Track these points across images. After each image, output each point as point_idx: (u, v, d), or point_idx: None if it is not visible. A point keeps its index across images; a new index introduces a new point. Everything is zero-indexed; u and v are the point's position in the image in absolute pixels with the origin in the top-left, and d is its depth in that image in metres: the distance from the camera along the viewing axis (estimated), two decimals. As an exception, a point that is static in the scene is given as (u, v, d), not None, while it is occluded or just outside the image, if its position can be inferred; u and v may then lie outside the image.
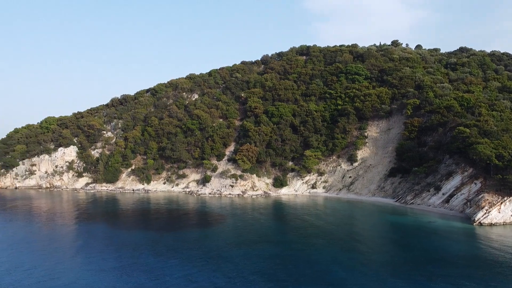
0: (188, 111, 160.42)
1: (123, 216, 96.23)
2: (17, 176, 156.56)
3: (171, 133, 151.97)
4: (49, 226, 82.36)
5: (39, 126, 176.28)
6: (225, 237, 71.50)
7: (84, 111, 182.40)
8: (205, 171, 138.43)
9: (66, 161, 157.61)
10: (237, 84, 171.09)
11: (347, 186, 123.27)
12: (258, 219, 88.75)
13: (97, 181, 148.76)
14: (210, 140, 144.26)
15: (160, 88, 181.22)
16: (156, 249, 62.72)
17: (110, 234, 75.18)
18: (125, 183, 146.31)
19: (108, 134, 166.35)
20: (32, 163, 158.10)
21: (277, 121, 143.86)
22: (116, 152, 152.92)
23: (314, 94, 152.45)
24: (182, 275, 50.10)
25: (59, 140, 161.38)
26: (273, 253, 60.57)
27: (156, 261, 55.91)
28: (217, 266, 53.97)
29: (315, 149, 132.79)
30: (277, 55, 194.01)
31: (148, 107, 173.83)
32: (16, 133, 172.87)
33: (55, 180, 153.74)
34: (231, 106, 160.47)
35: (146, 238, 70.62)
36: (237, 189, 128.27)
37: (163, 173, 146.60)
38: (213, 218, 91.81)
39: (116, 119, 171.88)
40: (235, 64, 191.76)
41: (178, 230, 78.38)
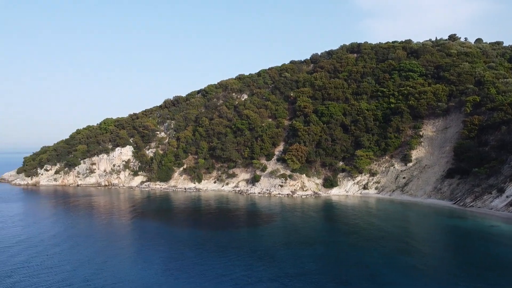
0: (237, 111, 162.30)
1: (175, 214, 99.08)
2: (79, 174, 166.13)
3: (221, 133, 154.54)
4: (107, 222, 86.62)
5: (98, 127, 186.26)
6: (274, 237, 71.46)
7: (139, 112, 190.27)
8: (255, 170, 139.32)
9: (122, 160, 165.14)
10: (286, 83, 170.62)
11: (401, 187, 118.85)
12: (307, 220, 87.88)
13: (151, 180, 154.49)
14: (260, 140, 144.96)
15: (211, 89, 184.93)
16: (206, 246, 63.95)
17: (163, 231, 77.63)
18: (178, 182, 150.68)
19: (162, 134, 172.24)
20: (92, 162, 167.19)
21: (327, 121, 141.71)
22: (169, 152, 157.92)
23: (365, 92, 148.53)
24: (231, 273, 50.62)
25: (116, 140, 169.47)
26: (323, 254, 59.71)
27: (206, 258, 56.97)
28: (265, 265, 54.05)
29: (366, 149, 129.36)
30: (327, 54, 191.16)
31: (199, 107, 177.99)
32: (78, 134, 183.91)
33: (112, 179, 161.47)
34: (280, 105, 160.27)
35: (197, 236, 72.22)
36: (286, 189, 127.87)
37: (213, 172, 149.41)
38: (262, 217, 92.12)
39: (169, 119, 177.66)
40: (284, 63, 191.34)
41: (228, 229, 79.42)
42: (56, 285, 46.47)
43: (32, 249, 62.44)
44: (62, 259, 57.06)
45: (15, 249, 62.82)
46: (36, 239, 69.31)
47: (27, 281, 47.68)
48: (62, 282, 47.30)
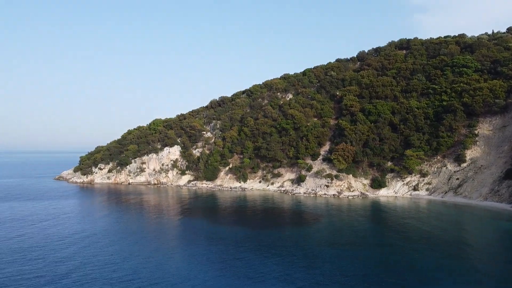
0: (282, 111, 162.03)
1: (221, 212, 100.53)
2: (130, 173, 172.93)
3: (266, 133, 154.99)
4: (156, 219, 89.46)
5: (148, 127, 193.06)
6: (320, 237, 70.64)
7: (187, 113, 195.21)
8: (300, 170, 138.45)
9: (171, 160, 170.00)
10: (332, 82, 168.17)
11: (454, 188, 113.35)
12: (354, 221, 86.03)
13: (198, 179, 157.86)
14: (305, 140, 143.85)
15: (256, 89, 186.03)
16: (252, 245, 64.34)
17: (210, 228, 78.99)
18: (223, 181, 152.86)
19: (208, 134, 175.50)
20: (142, 162, 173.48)
21: (375, 120, 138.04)
22: (215, 152, 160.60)
23: (415, 90, 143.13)
24: (276, 271, 50.56)
25: (165, 140, 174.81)
26: (369, 256, 58.21)
27: (251, 257, 57.32)
28: (310, 265, 53.55)
29: (416, 149, 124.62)
30: (374, 51, 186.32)
31: (244, 108, 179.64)
32: (129, 134, 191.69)
33: (161, 177, 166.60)
34: (326, 105, 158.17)
35: (242, 234, 72.84)
36: (332, 189, 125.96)
37: (258, 172, 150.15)
38: (308, 217, 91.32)
39: (215, 120, 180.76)
40: (329, 62, 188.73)
41: (273, 228, 79.43)
42: (108, 277, 48.54)
43: (87, 243, 65.74)
44: (115, 253, 59.56)
45: (73, 242, 66.41)
46: (91, 234, 72.89)
47: (81, 271, 50.20)
48: (113, 274, 49.35)
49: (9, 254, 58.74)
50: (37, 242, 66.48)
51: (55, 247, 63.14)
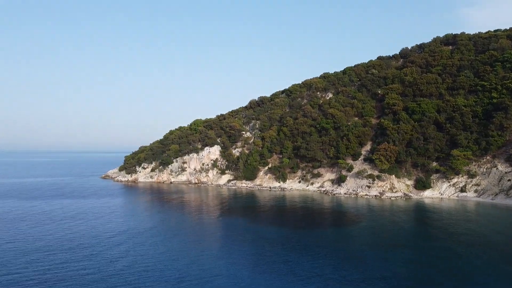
0: (322, 111, 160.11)
1: (261, 212, 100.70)
2: (172, 172, 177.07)
3: (305, 132, 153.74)
4: (197, 218, 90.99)
5: (189, 128, 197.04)
6: (361, 238, 69.13)
7: (226, 113, 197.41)
8: (340, 170, 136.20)
9: (211, 159, 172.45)
10: (373, 80, 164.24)
11: (506, 190, 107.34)
12: (397, 222, 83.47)
13: (237, 178, 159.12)
14: (345, 139, 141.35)
15: (295, 88, 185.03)
16: (291, 245, 63.96)
17: (250, 228, 79.31)
18: (263, 180, 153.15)
19: (247, 134, 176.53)
20: (183, 161, 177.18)
21: (419, 118, 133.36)
22: (254, 151, 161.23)
23: (462, 87, 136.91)
24: (316, 272, 49.91)
25: (205, 140, 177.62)
26: (413, 258, 56.22)
27: (292, 257, 56.91)
28: (351, 266, 52.42)
29: (464, 148, 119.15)
30: (418, 47, 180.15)
31: (283, 107, 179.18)
32: (171, 135, 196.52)
33: (202, 177, 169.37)
34: (367, 104, 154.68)
35: (282, 234, 72.58)
36: (374, 190, 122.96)
37: (298, 172, 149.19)
38: (348, 218, 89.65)
39: (254, 120, 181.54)
40: (371, 60, 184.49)
41: (313, 228, 78.60)
42: (150, 275, 49.84)
43: (131, 240, 67.92)
44: (157, 251, 61.09)
45: (117, 239, 68.86)
46: (135, 231, 75.25)
47: (127, 269, 51.86)
48: (157, 273, 50.60)
49: (61, 250, 61.68)
50: (86, 239, 69.41)
51: (104, 244, 65.66)
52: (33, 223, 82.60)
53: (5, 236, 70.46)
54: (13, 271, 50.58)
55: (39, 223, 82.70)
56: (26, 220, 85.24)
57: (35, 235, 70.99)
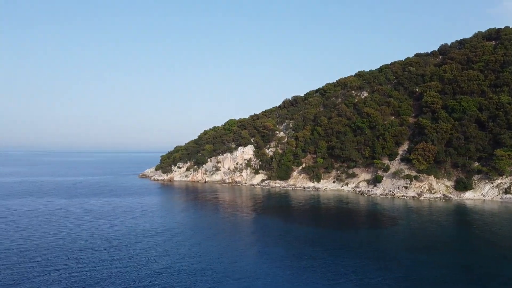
0: (357, 110, 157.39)
1: (295, 212, 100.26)
2: (206, 171, 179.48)
3: (340, 132, 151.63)
4: (231, 217, 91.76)
5: (222, 128, 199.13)
6: (397, 240, 67.41)
7: (260, 113, 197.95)
8: (376, 170, 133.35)
9: (244, 159, 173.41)
10: (410, 78, 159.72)
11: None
12: (436, 224, 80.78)
13: (271, 178, 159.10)
14: (381, 139, 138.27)
15: (329, 87, 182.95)
16: (325, 245, 63.27)
17: (283, 228, 79.12)
18: (296, 180, 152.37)
19: (281, 134, 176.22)
20: (217, 161, 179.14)
21: (459, 117, 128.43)
22: (288, 151, 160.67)
23: (506, 84, 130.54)
24: (349, 272, 49.11)
25: (239, 140, 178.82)
26: (452, 262, 54.15)
27: (325, 257, 56.30)
28: (386, 268, 51.20)
29: (508, 148, 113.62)
30: (458, 43, 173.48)
31: (317, 107, 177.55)
32: (205, 135, 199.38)
33: (235, 176, 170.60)
34: (404, 102, 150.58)
35: (316, 234, 71.95)
36: (411, 190, 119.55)
37: (332, 172, 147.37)
38: (384, 219, 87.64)
39: (288, 119, 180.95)
40: (408, 57, 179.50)
41: (347, 229, 77.43)
42: (189, 275, 50.68)
43: (170, 239, 69.34)
44: (195, 250, 62.03)
45: (156, 238, 70.54)
46: (173, 231, 76.79)
47: (165, 269, 53.01)
48: (195, 273, 51.42)
49: (101, 245, 63.93)
50: (126, 237, 71.50)
51: (143, 243, 67.42)
52: (75, 220, 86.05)
53: (50, 233, 73.81)
54: (57, 268, 52.85)
55: (81, 220, 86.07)
56: (69, 218, 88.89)
57: (77, 233, 73.94)
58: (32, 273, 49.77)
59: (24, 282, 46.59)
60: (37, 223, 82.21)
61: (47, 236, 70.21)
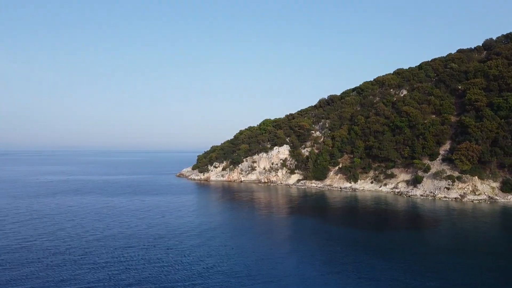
0: (396, 108, 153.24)
1: (331, 212, 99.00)
2: (242, 171, 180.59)
3: (378, 131, 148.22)
4: (267, 217, 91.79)
5: (258, 127, 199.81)
6: (437, 243, 64.99)
7: (295, 112, 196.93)
8: (416, 171, 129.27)
9: (280, 159, 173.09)
10: (452, 75, 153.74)
11: None
12: (480, 227, 77.31)
13: (307, 178, 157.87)
14: (421, 138, 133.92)
15: (366, 86, 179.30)
16: (363, 247, 62.01)
17: (320, 228, 78.29)
18: (333, 181, 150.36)
19: (317, 134, 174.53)
20: (253, 160, 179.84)
21: (506, 115, 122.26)
22: (324, 151, 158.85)
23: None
24: (388, 275, 47.80)
25: (274, 140, 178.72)
26: (496, 267, 51.51)
27: (363, 259, 55.14)
28: (426, 271, 49.45)
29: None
30: (505, 38, 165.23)
31: (354, 106, 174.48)
32: (241, 135, 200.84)
33: (271, 176, 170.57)
34: (446, 100, 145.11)
35: (353, 236, 70.66)
36: (454, 192, 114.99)
37: (370, 172, 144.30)
38: (425, 221, 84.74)
39: (324, 119, 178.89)
40: (449, 53, 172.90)
41: (386, 231, 75.53)
42: (220, 270, 51.17)
43: (204, 236, 70.40)
44: (229, 248, 62.59)
45: (192, 235, 71.80)
46: (208, 228, 77.90)
47: (199, 264, 53.80)
48: (227, 268, 51.88)
49: (141, 243, 65.75)
50: (163, 234, 73.21)
51: (180, 239, 68.86)
52: (116, 218, 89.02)
53: (92, 229, 76.78)
54: (99, 265, 54.83)
55: (122, 218, 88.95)
56: (111, 215, 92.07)
57: (118, 230, 76.45)
58: (75, 270, 51.91)
59: (69, 279, 48.64)
60: (81, 220, 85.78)
61: (92, 233, 73.09)
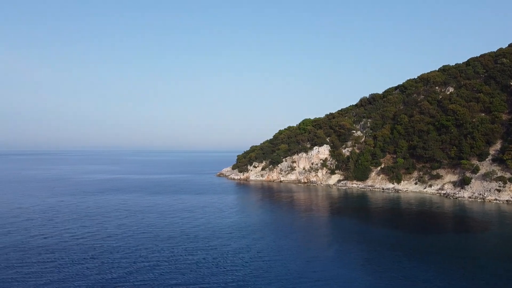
0: (441, 107, 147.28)
1: (373, 213, 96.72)
2: (281, 171, 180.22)
3: (422, 130, 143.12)
4: (307, 217, 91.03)
5: (297, 127, 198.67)
6: (487, 247, 61.76)
7: (335, 112, 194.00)
8: (463, 172, 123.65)
9: (320, 159, 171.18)
10: (503, 71, 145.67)
11: None
12: (536, 232, 72.75)
13: (348, 179, 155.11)
14: (469, 138, 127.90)
15: (410, 84, 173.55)
16: (406, 249, 60.05)
17: (361, 229, 76.69)
18: (375, 181, 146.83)
19: (358, 133, 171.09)
20: (292, 160, 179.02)
21: None
22: (366, 151, 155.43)
23: None
24: (434, 279, 45.94)
25: (314, 139, 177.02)
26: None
27: (407, 262, 53.40)
28: (474, 276, 47.10)
29: None
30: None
31: (397, 104, 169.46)
32: (280, 134, 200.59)
33: (311, 176, 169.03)
34: (496, 97, 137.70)
35: (396, 238, 68.60)
36: (505, 194, 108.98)
37: (414, 172, 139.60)
38: (473, 224, 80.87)
39: (365, 118, 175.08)
40: (500, 48, 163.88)
41: (431, 233, 72.63)
42: (264, 273, 51.19)
43: (247, 237, 70.80)
44: (269, 248, 62.61)
45: (234, 235, 72.49)
46: (249, 229, 78.33)
47: (241, 267, 54.13)
48: (267, 270, 51.87)
49: (184, 242, 67.12)
50: (204, 233, 74.49)
51: (221, 239, 69.78)
52: (158, 215, 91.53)
53: (136, 226, 79.37)
54: (146, 259, 56.50)
55: (164, 215, 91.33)
56: (153, 212, 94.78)
57: (162, 227, 78.57)
58: (120, 267, 53.79)
59: (118, 278, 50.47)
60: (126, 218, 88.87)
61: (136, 231, 75.60)
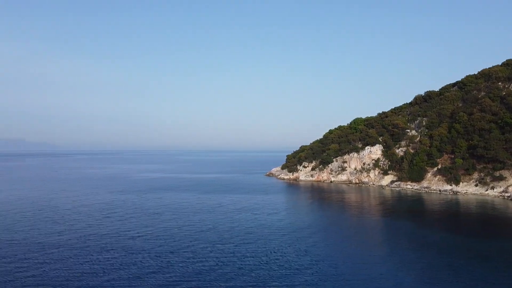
0: (505, 104, 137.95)
1: (428, 216, 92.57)
2: (332, 171, 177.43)
3: (483, 129, 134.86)
4: (358, 218, 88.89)
5: (348, 127, 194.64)
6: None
7: (388, 111, 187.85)
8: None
9: (372, 159, 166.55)
10: None
11: None
12: None
13: (401, 179, 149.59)
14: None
15: (469, 80, 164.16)
16: (466, 254, 56.80)
17: (415, 232, 73.56)
18: (431, 182, 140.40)
19: (412, 133, 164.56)
20: (343, 160, 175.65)
21: None
22: (421, 151, 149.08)
23: None
24: (497, 286, 43.13)
25: (366, 139, 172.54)
26: None
27: (467, 267, 50.45)
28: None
29: None
30: None
31: (455, 102, 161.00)
32: (330, 134, 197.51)
33: (362, 177, 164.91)
34: None
35: (454, 242, 65.08)
36: None
37: (474, 174, 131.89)
38: (543, 230, 75.00)
39: (420, 117, 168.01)
40: None
41: (492, 238, 68.06)
42: (310, 271, 50.64)
43: (296, 237, 70.42)
44: (320, 248, 61.86)
45: (284, 235, 72.34)
46: (300, 228, 77.85)
47: (292, 266, 53.93)
48: (316, 270, 51.24)
49: (235, 240, 68.03)
50: (254, 230, 75.11)
51: (269, 236, 70.03)
52: (209, 214, 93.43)
53: (186, 223, 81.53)
54: (192, 260, 57.90)
55: (215, 214, 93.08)
56: (203, 211, 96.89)
57: (212, 225, 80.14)
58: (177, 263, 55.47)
59: (170, 272, 52.11)
60: (177, 216, 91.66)
61: (182, 226, 77.62)
